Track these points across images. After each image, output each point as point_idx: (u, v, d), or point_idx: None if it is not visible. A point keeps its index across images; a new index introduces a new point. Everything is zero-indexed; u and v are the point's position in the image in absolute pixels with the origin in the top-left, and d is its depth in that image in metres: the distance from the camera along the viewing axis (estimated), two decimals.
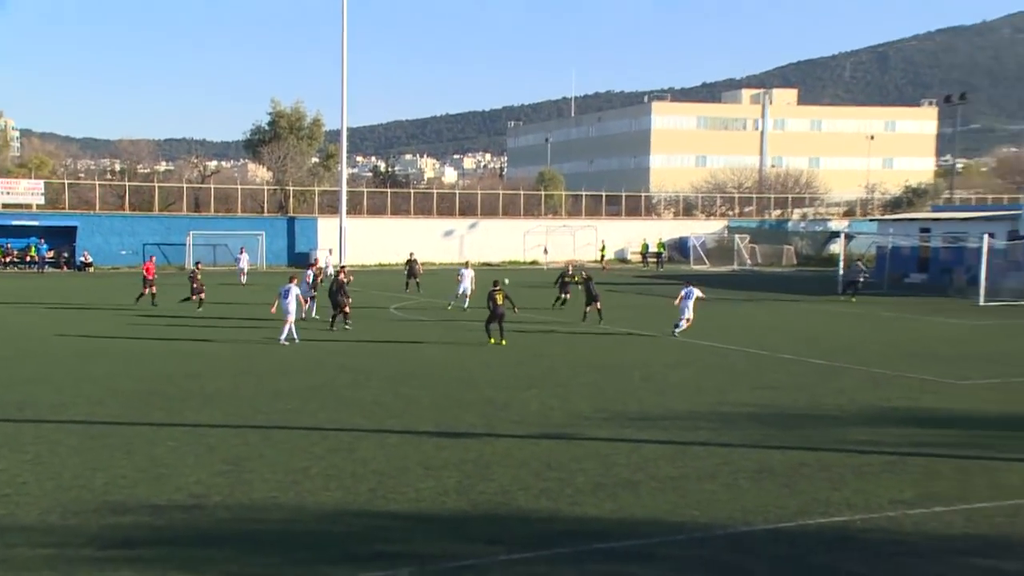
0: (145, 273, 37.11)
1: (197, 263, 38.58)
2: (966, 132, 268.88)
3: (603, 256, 69.18)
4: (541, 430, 15.84)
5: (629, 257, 75.77)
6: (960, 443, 15.08)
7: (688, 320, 28.41)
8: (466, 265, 38.35)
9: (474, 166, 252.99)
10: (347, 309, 29.26)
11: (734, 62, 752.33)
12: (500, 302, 26.04)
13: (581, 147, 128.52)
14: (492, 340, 25.90)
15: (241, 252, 54.48)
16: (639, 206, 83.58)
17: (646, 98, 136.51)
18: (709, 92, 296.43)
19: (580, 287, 34.23)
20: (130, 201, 68.19)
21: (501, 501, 11.90)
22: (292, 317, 26.36)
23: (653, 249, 71.09)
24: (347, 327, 28.93)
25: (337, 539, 10.56)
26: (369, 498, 11.91)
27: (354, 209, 69.95)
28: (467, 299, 35.90)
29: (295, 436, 15.13)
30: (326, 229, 66.25)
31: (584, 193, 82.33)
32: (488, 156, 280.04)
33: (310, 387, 19.39)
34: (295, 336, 26.16)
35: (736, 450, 14.47)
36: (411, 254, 47.83)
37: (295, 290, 26.66)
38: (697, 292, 28.74)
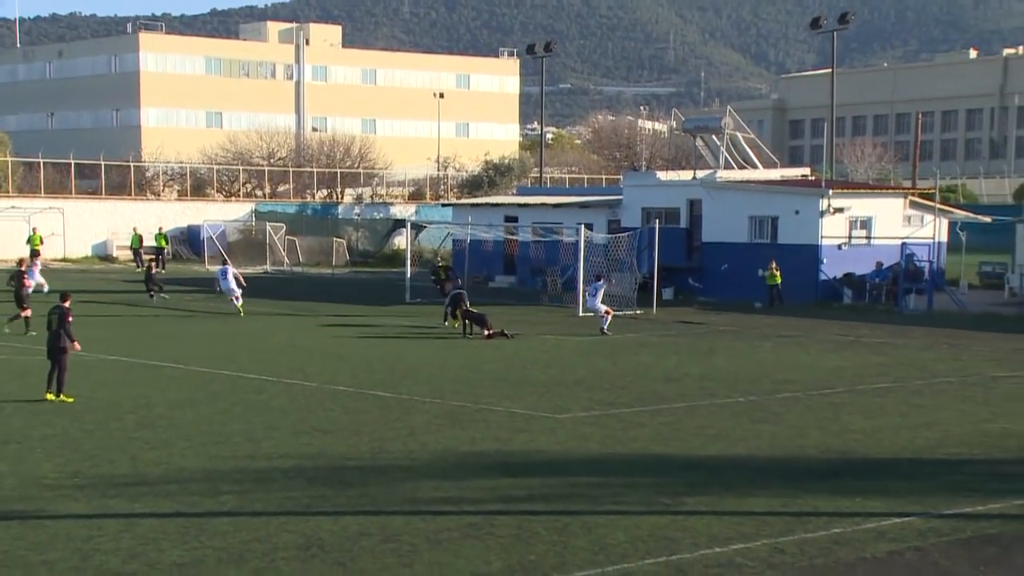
0: None
1: None
2: (556, 93, 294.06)
3: (35, 249, 65.26)
4: None
5: (115, 253, 73.64)
6: (558, 494, 16.34)
7: (608, 311, 37.26)
8: None
9: None
10: None
11: None
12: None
13: (35, 94, 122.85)
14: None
15: None
16: (127, 180, 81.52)
17: (130, 27, 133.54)
18: (222, 23, 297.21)
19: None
20: None
21: None
22: None
23: (150, 243, 69.68)
24: None
25: None
26: None
27: None
28: None
29: None
30: None
31: (42, 160, 78.70)
32: None
33: None
34: None
35: (273, 520, 14.58)
36: None
37: None
38: (604, 285, 37.21)
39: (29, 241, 65.88)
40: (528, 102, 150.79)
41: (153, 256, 62.68)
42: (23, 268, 37.84)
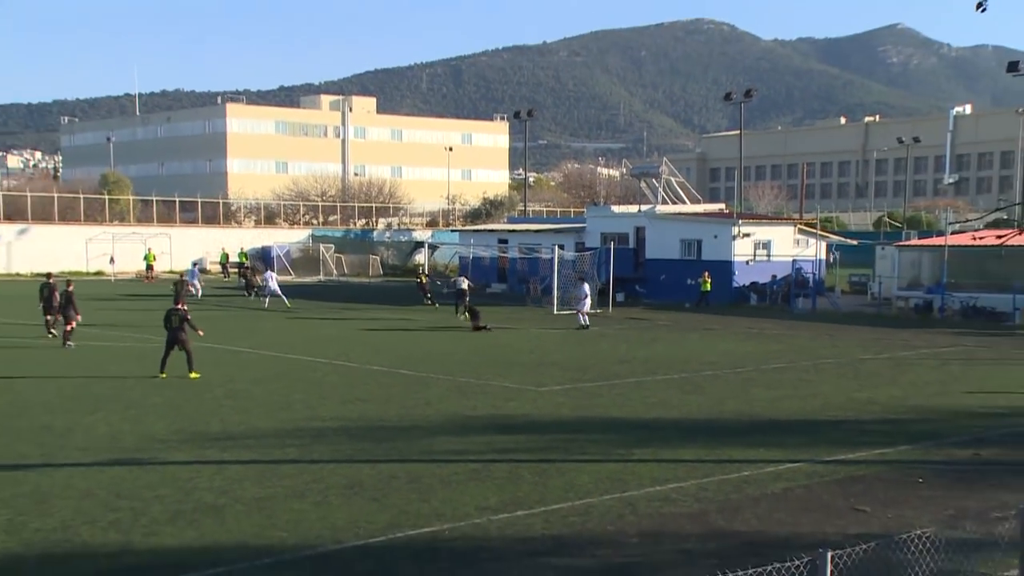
0: None
1: None
2: (535, 147, 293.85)
3: (150, 264, 65.32)
4: (110, 456, 14.95)
5: (208, 267, 73.43)
6: (540, 447, 16.31)
7: (587, 307, 36.63)
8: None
9: (21, 165, 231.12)
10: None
11: (311, 67, 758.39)
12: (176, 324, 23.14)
13: (149, 149, 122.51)
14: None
15: None
16: (217, 213, 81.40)
17: (219, 99, 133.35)
18: (287, 96, 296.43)
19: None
20: None
21: (62, 538, 10.98)
22: None
23: (234, 259, 69.44)
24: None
25: None
26: None
27: None
28: None
29: None
30: None
31: (155, 198, 78.59)
32: (38, 154, 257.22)
33: None
34: None
35: (326, 466, 14.53)
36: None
37: None
38: (587, 286, 36.87)
39: (145, 258, 65.92)
40: (515, 154, 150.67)
41: (249, 267, 62.88)
42: (183, 277, 43.31)
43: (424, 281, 48.21)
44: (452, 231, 75.48)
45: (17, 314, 39.05)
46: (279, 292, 44.21)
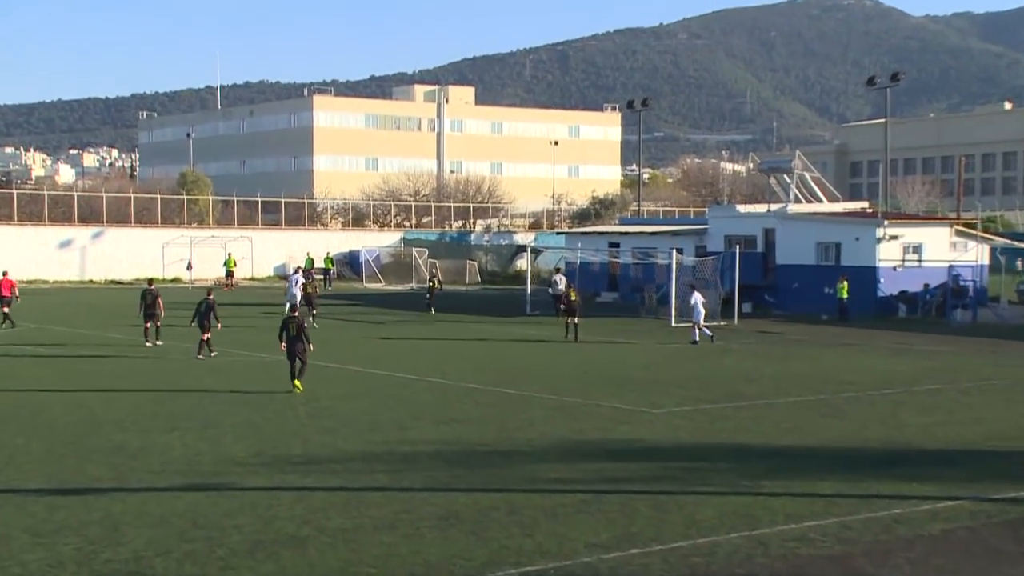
0: None
1: None
2: (651, 140, 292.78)
3: (230, 270, 66.97)
4: (185, 480, 15.20)
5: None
6: (655, 476, 16.06)
7: (701, 318, 35.82)
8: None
9: (97, 164, 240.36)
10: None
11: (404, 55, 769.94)
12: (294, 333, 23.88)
13: (231, 145, 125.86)
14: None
15: None
16: (302, 215, 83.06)
17: (306, 91, 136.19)
18: (378, 87, 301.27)
19: None
20: None
21: (134, 570, 11.17)
22: None
23: (320, 265, 70.72)
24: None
25: None
26: None
27: None
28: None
29: None
30: None
31: (236, 198, 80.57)
32: (115, 152, 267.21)
33: None
34: None
35: (418, 495, 14.52)
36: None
37: None
38: (698, 295, 36.34)
39: (225, 263, 67.55)
40: (628, 148, 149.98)
41: (337, 273, 64.29)
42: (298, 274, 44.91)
43: (435, 287, 49.70)
44: (557, 234, 75.48)
45: (93, 323, 40.38)
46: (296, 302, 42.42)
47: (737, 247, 48.10)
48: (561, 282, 45.99)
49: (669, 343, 36.60)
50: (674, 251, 44.60)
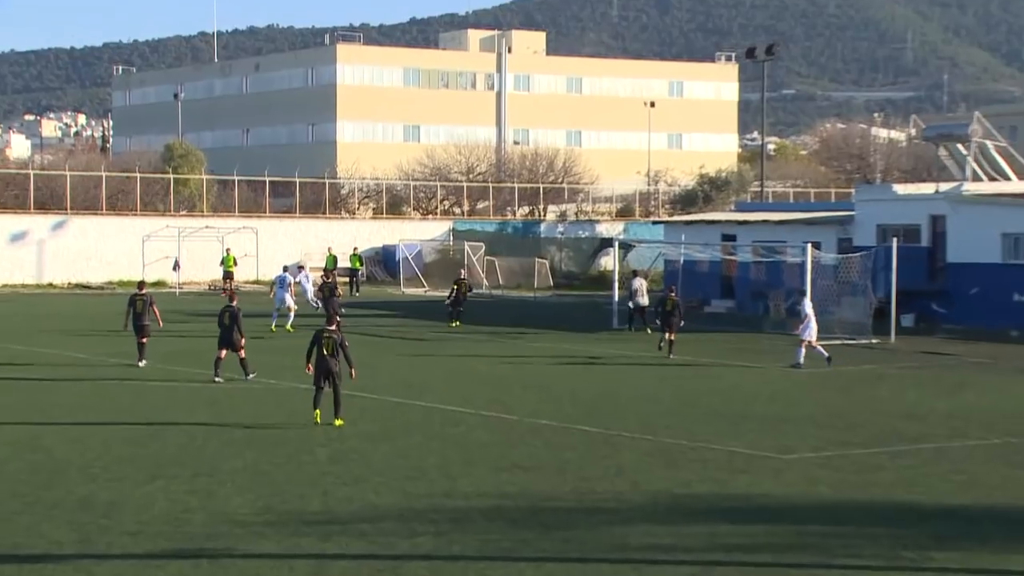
0: None
1: None
2: (779, 100, 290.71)
3: (229, 271, 67.22)
4: (171, 545, 15.33)
5: (309, 276, 75.41)
6: (787, 544, 15.92)
7: (808, 341, 35.61)
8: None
9: (59, 133, 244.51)
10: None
11: None
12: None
13: (231, 109, 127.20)
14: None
15: None
16: (321, 198, 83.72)
17: (327, 38, 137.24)
18: (421, 33, 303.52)
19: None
20: None
21: None
22: None
23: (345, 264, 71.14)
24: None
25: None
26: None
27: None
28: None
29: None
30: None
31: (237, 178, 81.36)
32: (82, 119, 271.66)
33: None
34: None
35: (472, 565, 14.54)
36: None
37: None
38: (810, 304, 36.52)
39: (223, 263, 67.94)
40: (747, 110, 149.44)
41: (365, 273, 64.89)
42: (329, 280, 47.53)
43: (463, 291, 49.97)
44: (654, 223, 75.29)
45: (52, 340, 40.96)
46: (290, 304, 45.78)
47: (894, 240, 47.57)
48: (641, 287, 46.06)
49: (802, 368, 36.25)
50: (808, 246, 44.23)
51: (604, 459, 21.44)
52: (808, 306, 36.45)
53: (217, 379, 30.47)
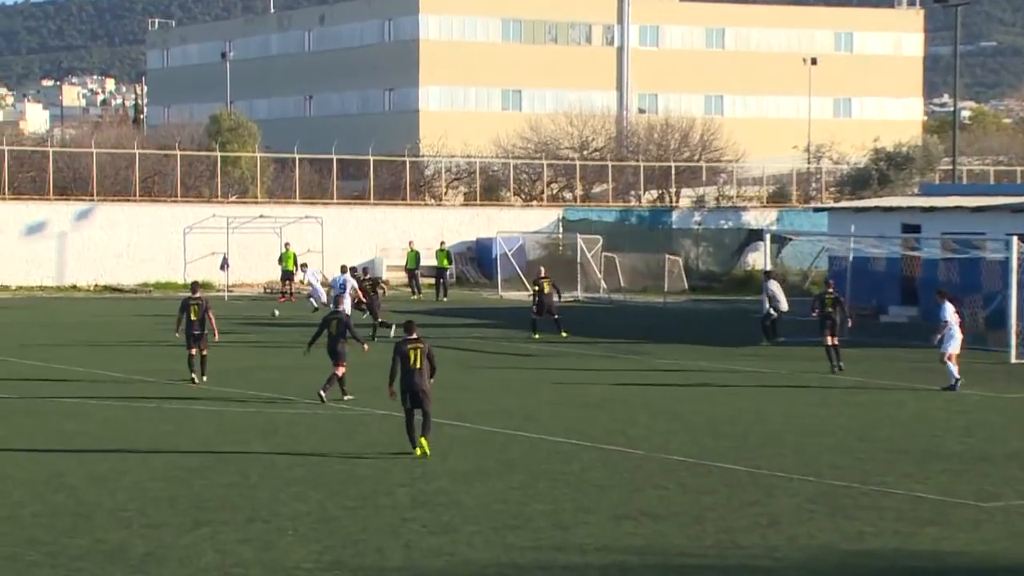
0: None
1: None
2: (975, 55, 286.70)
3: (288, 271, 67.54)
4: None
5: (384, 275, 75.74)
6: None
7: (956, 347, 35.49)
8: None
9: (83, 102, 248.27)
10: None
11: None
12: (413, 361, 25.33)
13: (290, 72, 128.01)
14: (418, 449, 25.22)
15: None
16: (401, 181, 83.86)
17: None
18: None
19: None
20: None
21: None
22: None
23: (430, 261, 71.30)
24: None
25: None
26: None
27: None
28: None
29: None
30: None
31: (297, 156, 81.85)
32: (110, 84, 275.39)
33: None
34: None
35: None
36: None
37: None
38: (950, 308, 36.24)
39: (281, 259, 67.97)
40: (936, 68, 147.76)
41: (451, 273, 65.49)
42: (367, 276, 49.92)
43: (547, 291, 49.27)
44: (815, 211, 74.61)
45: (77, 354, 41.61)
46: (321, 298, 50.32)
47: None
48: (779, 292, 45.74)
49: (1006, 392, 35.89)
50: (1014, 239, 43.73)
51: (753, 505, 21.36)
52: (948, 311, 36.03)
53: (347, 397, 31.44)
